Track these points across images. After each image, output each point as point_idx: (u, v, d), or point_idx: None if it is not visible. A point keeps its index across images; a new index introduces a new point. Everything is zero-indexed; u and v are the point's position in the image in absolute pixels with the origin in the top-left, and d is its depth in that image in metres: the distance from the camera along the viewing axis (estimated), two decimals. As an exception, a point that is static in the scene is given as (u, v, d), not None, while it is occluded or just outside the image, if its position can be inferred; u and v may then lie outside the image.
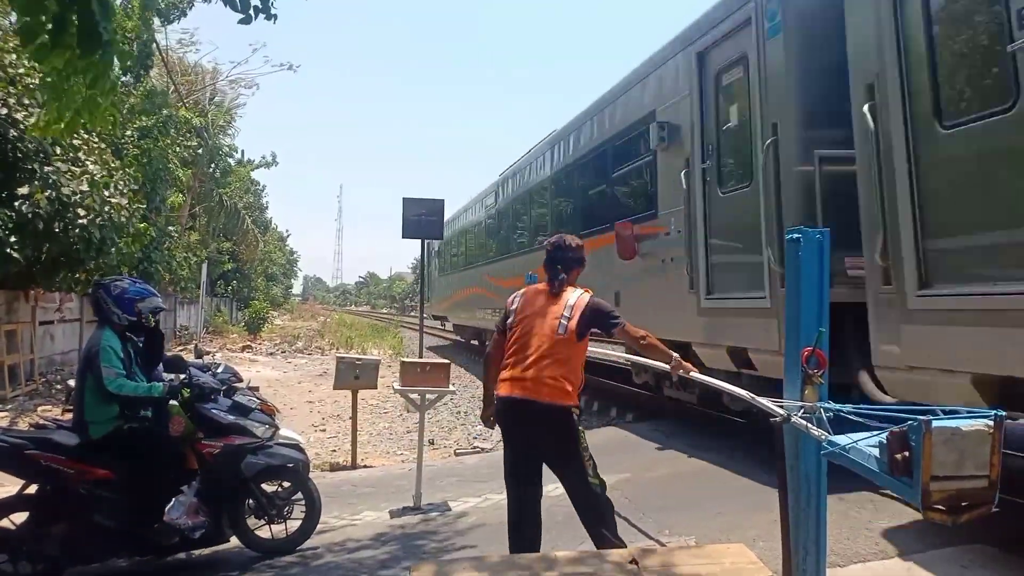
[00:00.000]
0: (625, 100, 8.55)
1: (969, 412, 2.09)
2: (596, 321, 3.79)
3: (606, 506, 3.67)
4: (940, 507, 2.00)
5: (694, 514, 5.13)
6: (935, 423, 1.98)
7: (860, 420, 2.41)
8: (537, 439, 3.74)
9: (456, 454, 8.42)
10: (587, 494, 3.64)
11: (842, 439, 2.36)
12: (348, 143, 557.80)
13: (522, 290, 4.05)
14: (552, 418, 3.65)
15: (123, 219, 11.75)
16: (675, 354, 3.89)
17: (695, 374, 3.96)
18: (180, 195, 21.74)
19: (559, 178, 11.53)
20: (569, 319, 3.73)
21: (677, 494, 5.68)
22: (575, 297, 3.82)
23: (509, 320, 3.92)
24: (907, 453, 2.01)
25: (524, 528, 3.75)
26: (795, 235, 3.17)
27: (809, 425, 2.57)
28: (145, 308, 4.66)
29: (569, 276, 3.94)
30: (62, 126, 4.00)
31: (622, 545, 3.54)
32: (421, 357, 12.61)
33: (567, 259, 3.95)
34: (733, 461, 6.44)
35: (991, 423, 2.00)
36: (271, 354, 22.55)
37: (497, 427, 4.03)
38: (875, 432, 2.25)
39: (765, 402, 3.06)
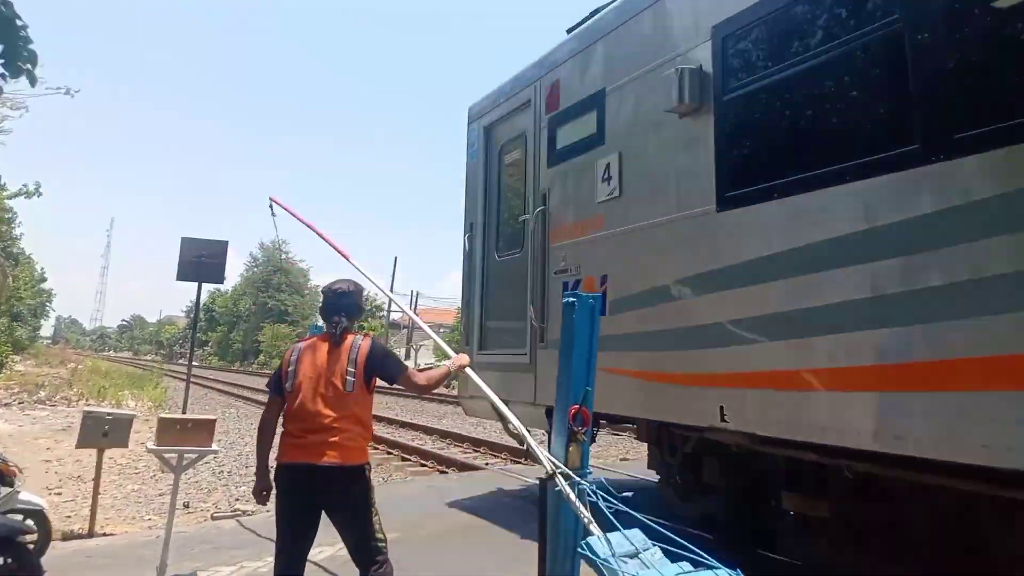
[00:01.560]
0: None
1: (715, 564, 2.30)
2: (382, 368, 3.67)
3: (388, 565, 3.57)
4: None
5: (459, 573, 5.10)
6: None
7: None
8: (327, 502, 3.53)
9: (213, 518, 7.68)
10: (373, 552, 3.52)
11: (600, 548, 2.41)
12: (123, 176, 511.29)
13: (299, 344, 3.80)
14: (347, 478, 3.49)
15: None
16: (452, 363, 3.94)
17: (471, 372, 3.98)
18: None
19: None
20: (355, 373, 3.58)
21: (444, 553, 5.61)
22: (357, 346, 3.66)
23: (288, 383, 3.63)
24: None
25: None
26: (570, 299, 3.31)
27: (571, 495, 2.62)
28: None
29: (351, 323, 3.79)
30: None
31: None
32: (185, 411, 11.52)
33: (350, 305, 3.79)
34: (507, 514, 6.52)
35: None
36: (6, 405, 19.50)
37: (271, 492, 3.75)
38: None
39: (538, 451, 3.10)
